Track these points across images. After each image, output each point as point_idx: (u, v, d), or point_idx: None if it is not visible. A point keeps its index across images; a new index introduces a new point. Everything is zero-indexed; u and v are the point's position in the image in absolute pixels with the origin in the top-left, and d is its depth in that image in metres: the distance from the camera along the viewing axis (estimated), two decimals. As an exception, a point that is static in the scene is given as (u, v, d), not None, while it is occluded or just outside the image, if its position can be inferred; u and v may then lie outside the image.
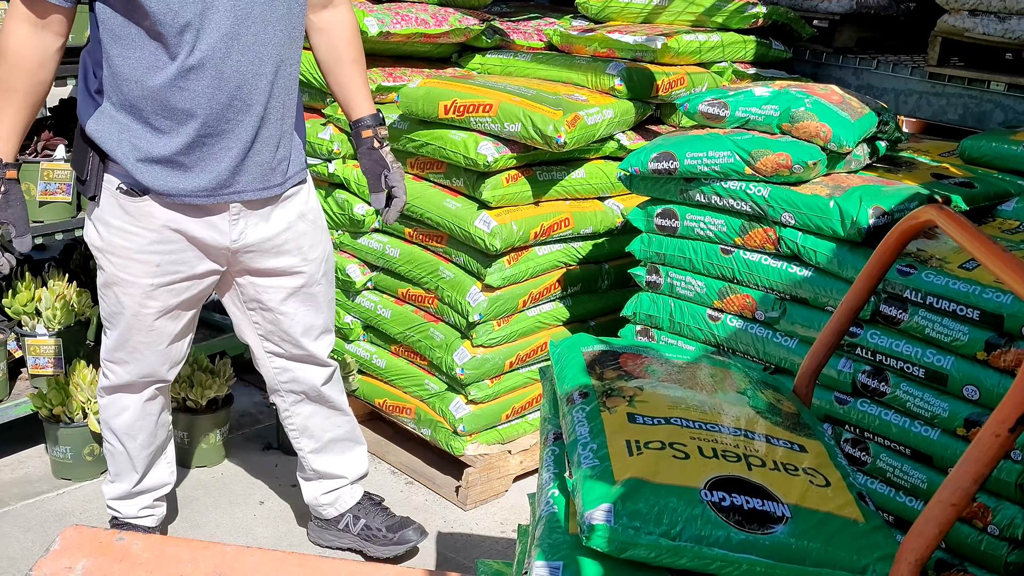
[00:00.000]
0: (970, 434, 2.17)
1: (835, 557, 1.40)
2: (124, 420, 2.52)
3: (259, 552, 2.15)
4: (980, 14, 3.39)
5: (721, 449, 1.53)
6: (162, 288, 2.31)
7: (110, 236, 2.26)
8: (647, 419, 1.59)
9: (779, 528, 1.40)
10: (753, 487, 1.45)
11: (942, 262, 2.26)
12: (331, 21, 2.42)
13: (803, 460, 1.56)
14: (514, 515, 3.02)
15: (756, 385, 1.83)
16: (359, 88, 2.48)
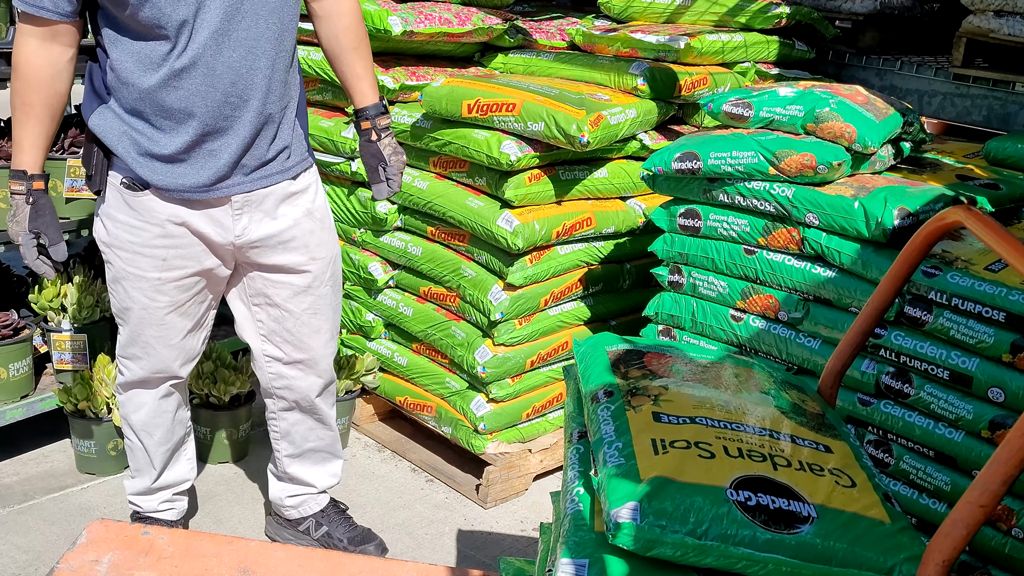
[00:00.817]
0: (995, 436, 2.16)
1: (861, 558, 1.39)
2: (141, 417, 2.53)
3: (283, 547, 2.17)
4: (1006, 15, 3.37)
5: (747, 449, 1.53)
6: (171, 283, 2.32)
7: (116, 231, 2.28)
8: (672, 418, 1.59)
9: (805, 528, 1.40)
10: (779, 487, 1.45)
11: (968, 264, 2.25)
12: (332, 9, 2.41)
13: (829, 461, 1.55)
14: (534, 513, 3.03)
15: (780, 385, 1.83)
16: (359, 77, 2.47)
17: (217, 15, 2.07)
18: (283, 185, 2.32)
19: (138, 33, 2.08)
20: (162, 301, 2.34)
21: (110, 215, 2.28)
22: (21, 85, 2.13)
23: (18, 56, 2.11)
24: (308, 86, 3.51)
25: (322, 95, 3.48)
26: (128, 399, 2.53)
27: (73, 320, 3.12)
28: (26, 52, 2.10)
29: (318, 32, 2.46)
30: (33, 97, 2.14)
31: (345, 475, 3.19)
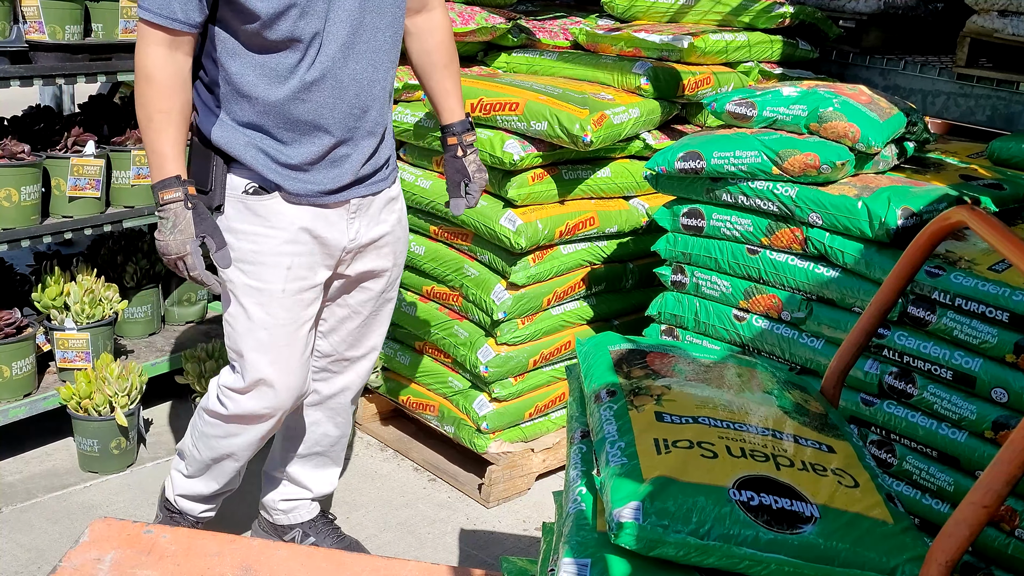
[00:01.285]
0: (998, 437, 2.15)
1: (864, 558, 1.39)
2: (232, 445, 2.39)
3: (285, 546, 2.16)
4: (1010, 15, 3.37)
5: (749, 449, 1.52)
6: (293, 296, 2.24)
7: (240, 243, 2.20)
8: (675, 418, 1.59)
9: (808, 528, 1.40)
10: (782, 487, 1.45)
11: (971, 264, 2.24)
12: (425, 26, 2.41)
13: (831, 461, 1.55)
14: (536, 513, 3.03)
15: (783, 385, 1.83)
16: (449, 93, 2.46)
17: (344, 28, 2.09)
18: (387, 191, 2.34)
19: (262, 47, 2.07)
20: (285, 317, 2.24)
21: (232, 228, 2.20)
22: (155, 93, 2.06)
23: (149, 65, 2.05)
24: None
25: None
26: (225, 432, 2.37)
27: (76, 319, 3.13)
28: (157, 61, 2.05)
29: (409, 48, 2.43)
30: (169, 104, 2.06)
31: (347, 474, 3.19)
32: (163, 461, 3.20)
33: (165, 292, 3.63)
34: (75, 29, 2.94)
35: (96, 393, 3.01)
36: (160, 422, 3.44)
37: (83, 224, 3.08)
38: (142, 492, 3.02)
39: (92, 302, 3.15)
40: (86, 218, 3.09)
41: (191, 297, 3.67)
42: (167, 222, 2.08)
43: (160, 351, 3.46)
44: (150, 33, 2.04)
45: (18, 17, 2.86)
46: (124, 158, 3.17)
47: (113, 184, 3.19)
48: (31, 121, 3.27)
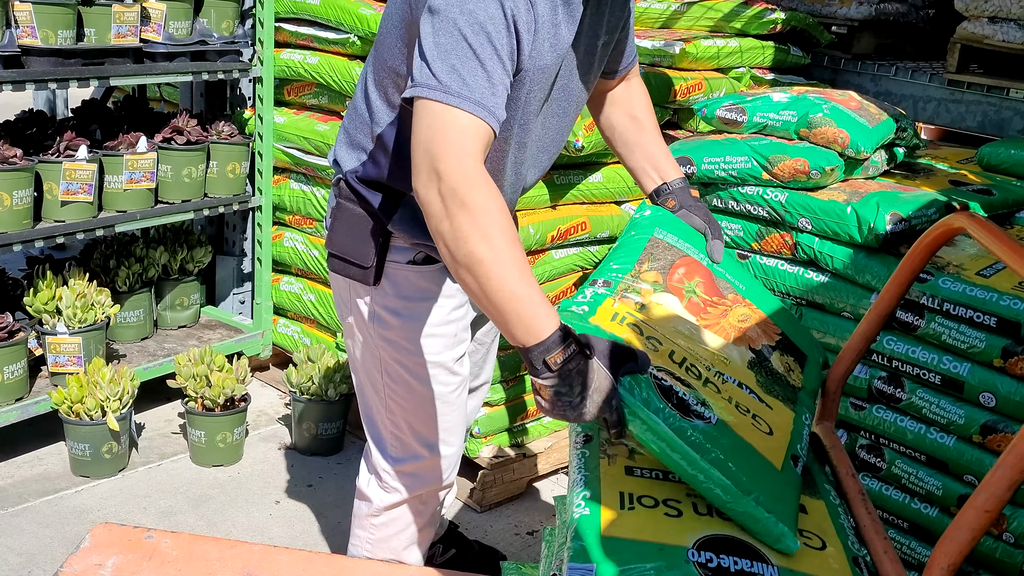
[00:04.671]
0: (986, 441, 2.17)
1: None
2: (406, 536, 2.22)
3: (286, 551, 2.16)
4: (1000, 21, 3.39)
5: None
6: (456, 362, 2.08)
7: (407, 317, 1.98)
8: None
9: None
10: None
11: (959, 268, 2.25)
12: (629, 93, 2.17)
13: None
14: (528, 517, 3.03)
15: (780, 345, 1.83)
16: (667, 152, 2.16)
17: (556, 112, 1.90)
18: None
19: None
20: (453, 383, 2.08)
21: (397, 302, 1.97)
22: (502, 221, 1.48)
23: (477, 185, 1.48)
24: (303, 90, 3.53)
25: (317, 99, 3.49)
26: (391, 520, 2.19)
27: (68, 323, 3.13)
28: (483, 177, 1.50)
29: (609, 117, 2.17)
30: (513, 230, 1.51)
31: (340, 479, 3.19)
32: (155, 465, 3.21)
33: (158, 296, 3.63)
34: (68, 34, 2.94)
35: (88, 397, 3.01)
36: (152, 426, 3.44)
37: (75, 228, 3.08)
38: (134, 496, 3.02)
39: (84, 306, 3.15)
40: (78, 222, 3.09)
41: (184, 302, 3.67)
42: (572, 390, 1.47)
43: (152, 355, 3.46)
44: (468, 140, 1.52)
45: (10, 21, 2.86)
46: (116, 162, 3.17)
47: (105, 188, 3.19)
48: (23, 125, 3.28)
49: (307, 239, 3.59)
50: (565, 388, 1.47)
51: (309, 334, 3.64)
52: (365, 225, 1.93)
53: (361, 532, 2.25)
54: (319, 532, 2.91)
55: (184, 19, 3.25)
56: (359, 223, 1.94)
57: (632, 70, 2.16)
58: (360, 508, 2.24)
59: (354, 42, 3.23)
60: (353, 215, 1.95)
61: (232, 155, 3.47)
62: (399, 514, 2.19)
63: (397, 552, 2.23)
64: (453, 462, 2.18)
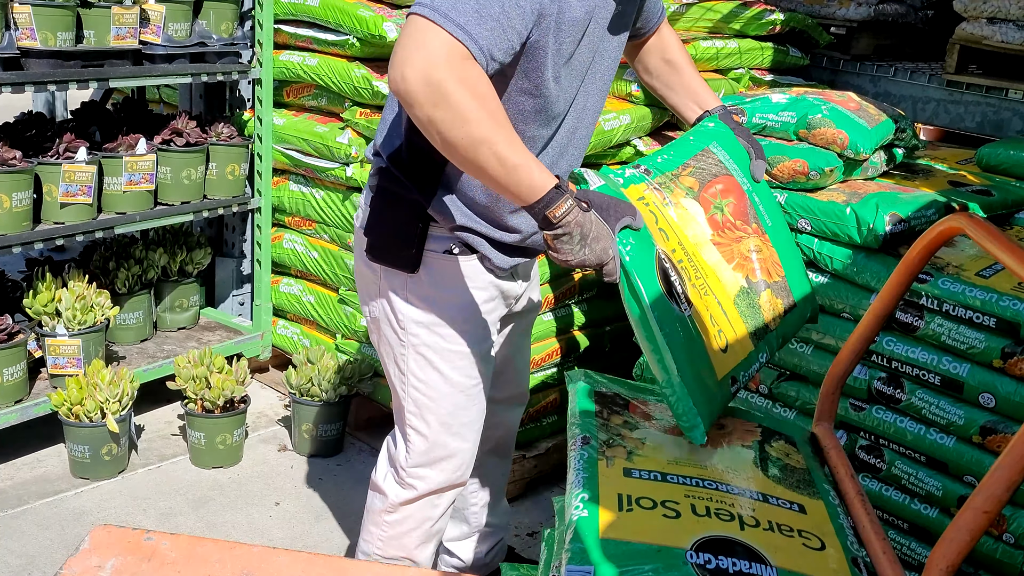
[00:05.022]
0: (986, 441, 2.17)
1: None
2: (431, 529, 2.22)
3: (286, 553, 2.16)
4: (999, 22, 3.39)
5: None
6: (484, 355, 2.11)
7: (440, 305, 2.01)
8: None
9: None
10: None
11: (959, 269, 2.25)
12: (661, 41, 2.22)
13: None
14: (528, 518, 3.03)
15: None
16: (705, 85, 2.24)
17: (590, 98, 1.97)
18: None
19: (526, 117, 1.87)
20: (476, 377, 2.10)
21: (431, 290, 2.00)
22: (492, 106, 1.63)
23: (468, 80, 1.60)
24: (302, 92, 3.53)
25: (317, 100, 3.49)
26: (404, 518, 2.19)
27: (67, 325, 3.13)
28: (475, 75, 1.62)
29: (649, 66, 2.24)
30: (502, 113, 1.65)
31: (340, 480, 3.19)
32: (154, 467, 3.21)
33: (157, 298, 3.63)
34: (67, 36, 2.94)
35: (87, 399, 3.01)
36: (152, 428, 3.44)
37: (75, 230, 3.09)
38: (133, 498, 3.02)
39: (84, 308, 3.15)
40: (78, 224, 3.09)
41: (183, 303, 3.67)
42: (572, 237, 1.66)
43: (152, 357, 3.46)
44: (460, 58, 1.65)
45: (10, 23, 2.86)
46: (116, 164, 3.17)
47: (105, 190, 3.19)
48: (23, 127, 3.28)
49: (306, 240, 3.59)
50: (566, 236, 1.65)
51: (309, 336, 3.64)
52: (406, 211, 1.96)
53: (374, 529, 2.24)
54: (319, 534, 2.91)
55: (183, 21, 3.25)
56: (399, 209, 1.97)
57: (662, 23, 2.23)
58: (374, 503, 2.24)
59: (353, 44, 3.23)
60: (393, 202, 1.97)
61: (231, 157, 3.47)
62: (413, 511, 2.18)
63: (409, 550, 2.22)
64: (468, 459, 2.19)
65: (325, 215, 3.48)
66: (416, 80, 1.57)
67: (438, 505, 2.20)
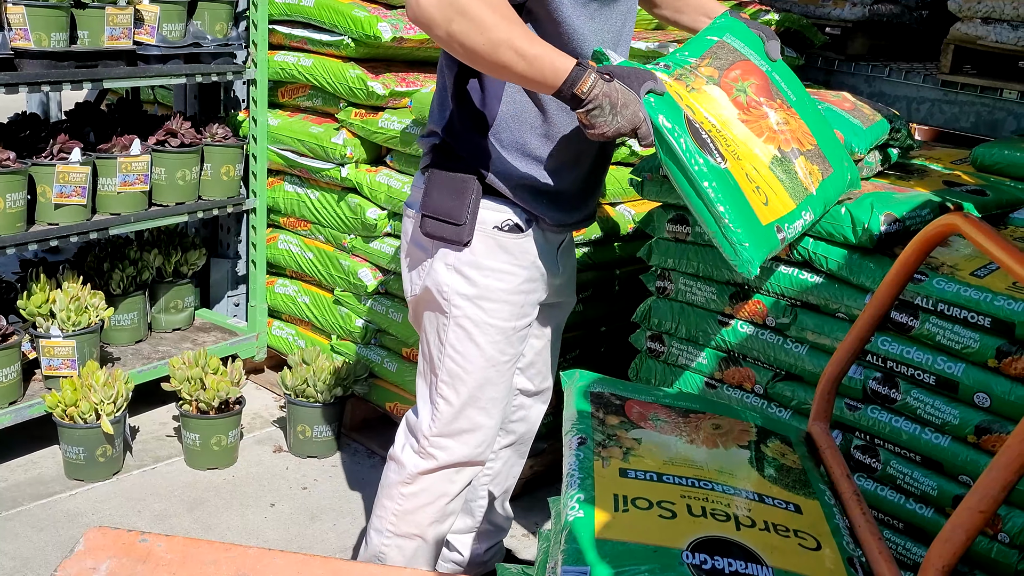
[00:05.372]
0: (981, 441, 2.17)
1: None
2: (446, 507, 2.25)
3: (282, 555, 2.16)
4: (993, 22, 3.40)
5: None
6: (518, 333, 2.18)
7: (485, 280, 2.08)
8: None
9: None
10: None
11: (953, 269, 2.25)
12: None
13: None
14: (524, 519, 3.03)
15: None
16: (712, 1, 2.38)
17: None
18: None
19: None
20: (509, 353, 2.18)
21: (478, 264, 2.07)
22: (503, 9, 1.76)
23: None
24: (297, 92, 3.52)
25: (311, 101, 3.48)
26: (422, 490, 2.21)
27: (62, 326, 3.12)
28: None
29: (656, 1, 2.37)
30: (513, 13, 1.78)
31: (334, 481, 3.19)
32: (149, 469, 3.20)
33: (152, 299, 3.63)
34: (61, 36, 2.94)
35: (82, 400, 3.00)
36: (146, 429, 3.43)
37: (69, 231, 3.08)
38: (128, 500, 3.01)
39: (78, 309, 3.14)
40: (72, 225, 3.09)
41: (178, 304, 3.67)
42: (603, 108, 1.78)
43: (147, 358, 3.45)
44: None
45: (3, 24, 2.86)
46: (110, 165, 3.17)
47: (99, 191, 3.19)
48: (17, 128, 3.27)
49: (301, 241, 3.59)
50: (597, 109, 1.78)
51: (304, 336, 3.63)
52: (461, 184, 2.03)
53: (388, 503, 2.26)
54: (314, 535, 2.91)
55: (178, 21, 3.25)
56: (454, 182, 2.04)
57: None
58: (390, 476, 2.26)
59: (348, 44, 3.23)
60: (448, 175, 2.05)
61: (226, 157, 3.47)
62: (430, 483, 2.21)
63: (422, 527, 2.23)
64: (490, 437, 2.23)
65: (320, 216, 3.47)
66: (430, 3, 1.70)
67: (455, 481, 2.23)
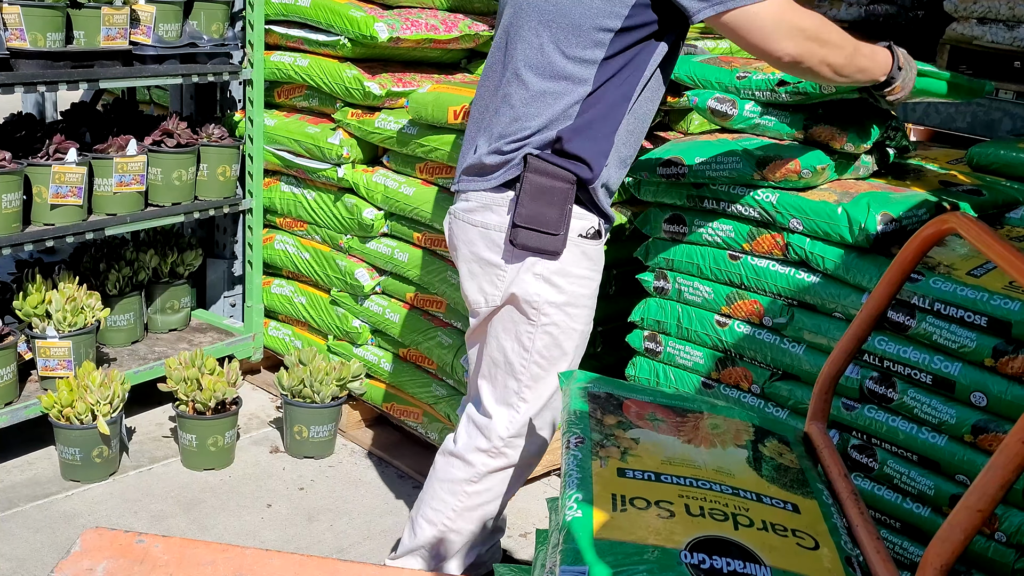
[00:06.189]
0: (978, 440, 2.17)
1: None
2: (492, 508, 2.35)
3: (279, 555, 2.16)
4: (989, 22, 3.40)
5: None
6: (590, 333, 2.31)
7: (572, 287, 2.17)
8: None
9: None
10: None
11: (950, 268, 2.26)
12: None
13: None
14: (521, 519, 3.03)
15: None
16: None
17: None
18: None
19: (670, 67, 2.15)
20: (581, 355, 2.30)
21: (566, 271, 2.15)
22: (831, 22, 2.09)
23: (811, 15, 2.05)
24: (293, 92, 3.52)
25: (308, 101, 3.48)
26: (487, 488, 2.30)
27: (58, 327, 3.11)
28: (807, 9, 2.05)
29: None
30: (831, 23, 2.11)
31: (331, 481, 3.19)
32: (145, 469, 3.19)
33: (148, 300, 3.62)
34: (56, 36, 2.93)
35: (78, 401, 3.00)
36: (143, 430, 3.43)
37: (65, 232, 3.07)
38: (124, 501, 3.01)
39: (74, 310, 3.14)
40: (68, 226, 3.08)
41: (174, 305, 3.66)
42: (906, 69, 2.18)
43: (143, 359, 3.45)
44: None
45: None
46: (106, 165, 3.16)
47: (95, 192, 3.18)
48: (12, 128, 3.26)
49: (298, 242, 3.58)
50: (904, 68, 2.18)
51: (300, 337, 3.63)
52: (559, 195, 2.07)
53: (450, 499, 2.31)
54: (311, 536, 2.91)
55: (174, 21, 3.25)
56: (552, 194, 2.07)
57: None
58: (455, 473, 2.30)
59: (344, 44, 3.22)
60: (546, 187, 2.08)
61: (222, 158, 3.46)
62: (497, 482, 2.29)
63: (478, 523, 2.31)
64: (530, 455, 2.32)
65: (316, 216, 3.47)
66: (793, 46, 1.96)
67: (522, 475, 2.33)
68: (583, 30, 2.03)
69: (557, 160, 2.08)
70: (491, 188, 2.15)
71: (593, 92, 2.07)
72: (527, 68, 2.10)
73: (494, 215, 2.15)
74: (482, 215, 2.17)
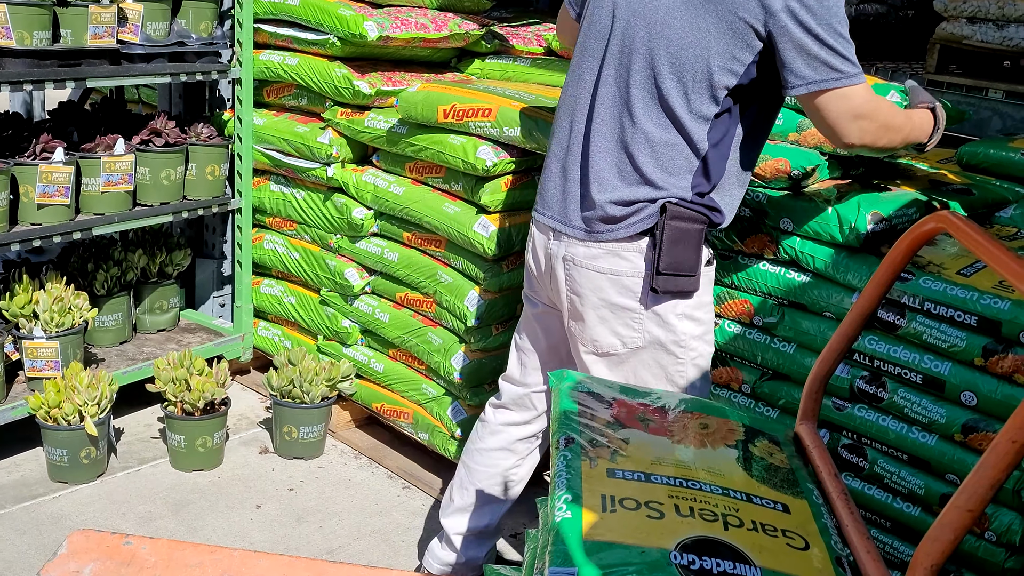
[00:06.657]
0: (968, 440, 2.17)
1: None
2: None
3: (267, 556, 2.15)
4: (978, 22, 3.41)
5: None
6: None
7: (705, 315, 2.24)
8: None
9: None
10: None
11: (940, 268, 2.26)
12: None
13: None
14: (511, 520, 3.02)
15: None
16: None
17: None
18: None
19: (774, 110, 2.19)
20: None
21: (702, 303, 2.22)
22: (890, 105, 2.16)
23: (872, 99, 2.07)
24: (282, 91, 3.51)
25: (297, 100, 3.47)
26: None
27: (45, 327, 3.09)
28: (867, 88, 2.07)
29: None
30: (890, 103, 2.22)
31: (321, 482, 3.18)
32: (134, 470, 3.18)
33: (136, 300, 3.60)
34: (43, 35, 2.91)
35: (65, 402, 2.98)
36: (131, 431, 3.41)
37: (52, 231, 3.05)
38: (112, 502, 2.99)
39: (61, 310, 3.12)
40: (55, 225, 3.06)
41: (163, 305, 3.65)
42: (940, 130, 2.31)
43: (131, 359, 3.43)
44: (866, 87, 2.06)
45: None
46: (94, 165, 3.14)
47: (83, 191, 3.16)
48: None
49: (287, 241, 3.57)
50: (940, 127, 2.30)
51: (290, 337, 3.61)
52: (696, 237, 2.12)
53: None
54: (300, 536, 2.89)
55: (162, 20, 3.23)
56: (690, 237, 2.12)
57: None
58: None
59: (334, 43, 3.21)
60: (685, 231, 2.12)
61: (211, 157, 3.45)
62: None
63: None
64: None
65: (306, 216, 3.46)
66: (863, 135, 2.05)
67: None
68: (707, 85, 2.05)
69: (692, 207, 2.12)
70: (621, 238, 2.15)
71: (719, 142, 2.11)
72: (646, 115, 2.10)
73: (624, 261, 2.15)
74: (609, 262, 2.17)
